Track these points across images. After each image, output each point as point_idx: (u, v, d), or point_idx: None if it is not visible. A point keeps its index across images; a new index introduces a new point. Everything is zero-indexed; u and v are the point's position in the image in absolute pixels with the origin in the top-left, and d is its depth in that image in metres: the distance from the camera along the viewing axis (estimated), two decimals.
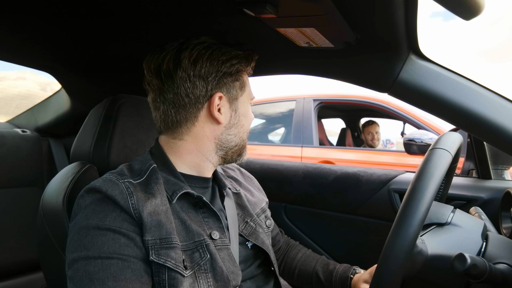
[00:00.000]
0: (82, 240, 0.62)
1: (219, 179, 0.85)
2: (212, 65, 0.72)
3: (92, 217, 0.63)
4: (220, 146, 0.78)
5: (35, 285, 1.58)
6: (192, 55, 0.72)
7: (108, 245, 0.61)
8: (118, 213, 0.64)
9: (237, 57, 0.75)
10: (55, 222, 0.81)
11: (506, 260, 0.61)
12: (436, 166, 0.58)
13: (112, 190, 0.65)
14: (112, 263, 0.60)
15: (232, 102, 0.77)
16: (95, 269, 0.59)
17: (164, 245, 0.64)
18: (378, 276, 0.54)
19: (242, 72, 0.78)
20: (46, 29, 0.84)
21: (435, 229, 0.68)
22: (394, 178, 1.27)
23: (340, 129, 3.89)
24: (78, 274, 0.60)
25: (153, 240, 0.64)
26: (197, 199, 0.74)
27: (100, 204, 0.65)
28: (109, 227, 0.62)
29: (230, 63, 0.74)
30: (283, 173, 1.49)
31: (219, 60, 0.73)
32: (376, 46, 0.78)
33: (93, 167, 0.90)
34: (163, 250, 0.64)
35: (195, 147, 0.76)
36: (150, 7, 0.72)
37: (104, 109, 0.92)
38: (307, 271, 0.99)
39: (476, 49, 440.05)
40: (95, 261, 0.60)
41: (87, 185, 0.69)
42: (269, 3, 0.61)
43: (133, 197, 0.65)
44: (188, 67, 0.71)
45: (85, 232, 0.62)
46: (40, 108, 1.73)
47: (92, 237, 0.61)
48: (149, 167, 0.73)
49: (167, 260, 0.63)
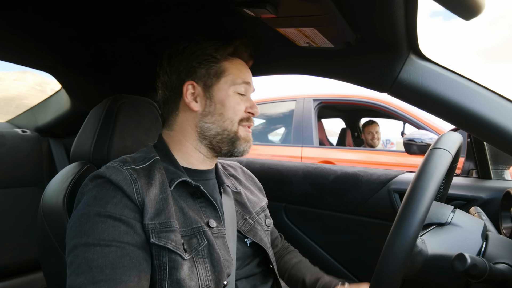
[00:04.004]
0: (82, 226, 0.63)
1: (219, 176, 0.86)
2: (184, 58, 0.78)
3: (93, 203, 0.64)
4: (201, 135, 0.80)
5: (35, 285, 1.58)
6: (171, 53, 0.80)
7: (108, 232, 0.62)
8: (119, 199, 0.65)
9: (212, 46, 0.78)
10: (55, 222, 0.81)
11: (506, 260, 0.61)
12: (436, 166, 0.58)
13: (116, 176, 0.67)
14: (111, 251, 0.61)
15: (206, 90, 0.79)
16: (94, 256, 0.60)
17: (164, 229, 0.66)
18: (378, 276, 0.54)
19: (218, 60, 0.79)
20: (46, 29, 0.84)
21: (435, 229, 0.68)
22: (394, 178, 1.27)
23: (340, 129, 3.89)
24: (77, 261, 0.60)
25: (153, 224, 0.65)
26: (194, 188, 0.76)
27: (102, 189, 0.66)
28: (110, 214, 0.63)
29: (203, 52, 0.78)
30: (283, 173, 1.49)
31: (194, 52, 0.78)
32: (376, 46, 0.78)
33: (93, 167, 0.90)
34: (163, 233, 0.65)
35: (182, 137, 0.80)
36: (150, 8, 0.72)
37: (104, 109, 0.92)
38: (296, 276, 0.97)
39: (476, 49, 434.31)
40: (95, 248, 0.61)
41: (91, 174, 0.70)
42: (269, 3, 0.61)
43: (137, 183, 0.67)
44: (166, 65, 0.80)
45: (86, 218, 0.63)
46: (40, 108, 1.73)
47: (92, 224, 0.62)
48: (153, 157, 0.76)
49: (168, 242, 0.65)
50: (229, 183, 0.88)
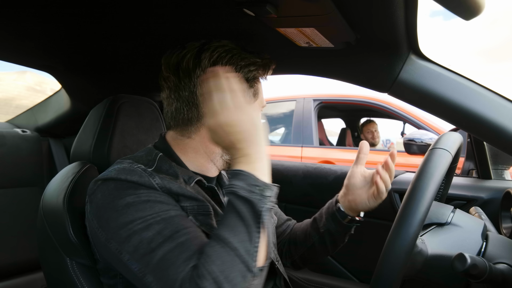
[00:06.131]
0: (128, 216, 0.59)
1: (221, 178, 0.86)
2: (231, 69, 0.72)
3: (123, 196, 0.61)
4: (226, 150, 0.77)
5: (35, 285, 1.58)
6: (212, 56, 0.72)
7: (159, 207, 0.61)
8: (146, 190, 0.63)
9: (255, 64, 0.75)
10: (56, 222, 0.81)
11: (506, 260, 0.61)
12: (436, 166, 0.58)
13: (132, 176, 0.64)
14: (174, 217, 0.60)
15: None
16: (161, 227, 0.58)
17: (201, 211, 0.67)
18: (378, 276, 0.54)
19: (257, 79, 0.77)
20: (46, 29, 0.84)
21: (435, 229, 0.68)
22: (394, 178, 1.27)
23: (340, 129, 3.90)
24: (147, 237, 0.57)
25: (191, 206, 0.66)
26: (207, 188, 0.76)
27: (123, 187, 0.63)
28: (148, 199, 0.61)
29: (248, 69, 0.74)
30: (283, 173, 1.49)
31: (238, 64, 0.73)
32: (376, 46, 0.78)
33: (93, 167, 0.90)
34: (201, 216, 0.66)
35: (201, 147, 0.76)
36: (150, 8, 0.72)
37: (104, 109, 0.91)
38: (304, 223, 1.00)
39: (476, 49, 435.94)
40: (158, 222, 0.58)
41: (98, 176, 0.67)
42: (269, 3, 0.61)
43: (155, 177, 0.65)
44: (207, 68, 0.71)
45: (125, 209, 0.60)
46: (40, 108, 1.73)
47: (137, 209, 0.60)
48: (156, 156, 0.73)
49: (203, 225, 0.65)
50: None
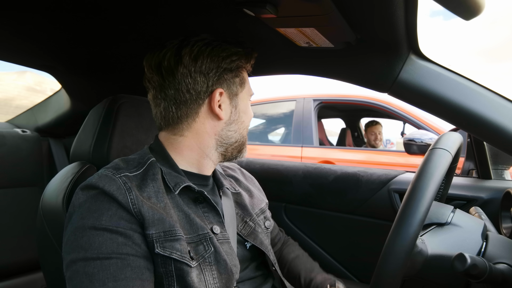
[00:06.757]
0: (78, 241, 0.61)
1: (217, 178, 0.85)
2: (213, 61, 0.73)
3: (87, 216, 0.62)
4: (220, 143, 0.78)
5: (35, 285, 1.58)
6: (193, 51, 0.72)
7: (106, 245, 0.60)
8: (114, 211, 0.63)
9: (237, 53, 0.76)
10: (55, 222, 0.81)
11: (506, 260, 0.61)
12: (436, 166, 0.58)
13: (110, 186, 0.64)
14: (111, 263, 0.60)
15: (232, 98, 0.78)
16: (95, 270, 0.59)
17: (168, 238, 0.64)
18: (378, 276, 0.54)
19: (242, 68, 0.79)
20: (46, 29, 0.84)
21: (435, 229, 0.68)
22: (394, 178, 1.27)
23: (340, 129, 3.90)
24: (77, 276, 0.59)
25: (157, 233, 0.64)
26: (197, 193, 0.75)
27: (95, 201, 0.64)
28: (106, 226, 0.61)
29: (230, 59, 0.75)
30: (283, 173, 1.49)
31: (220, 56, 0.74)
32: (376, 46, 0.78)
33: (93, 167, 0.90)
34: (168, 243, 0.64)
35: (195, 143, 0.76)
36: (150, 8, 0.72)
37: (104, 109, 0.91)
38: (293, 272, 0.98)
39: (476, 49, 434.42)
40: (94, 262, 0.59)
41: (82, 183, 0.68)
42: (269, 3, 0.61)
43: (132, 192, 0.65)
44: (189, 63, 0.72)
45: (81, 232, 0.61)
46: (40, 108, 1.73)
47: (89, 238, 0.61)
48: (148, 160, 0.73)
49: (173, 252, 0.63)
50: (227, 184, 0.87)
